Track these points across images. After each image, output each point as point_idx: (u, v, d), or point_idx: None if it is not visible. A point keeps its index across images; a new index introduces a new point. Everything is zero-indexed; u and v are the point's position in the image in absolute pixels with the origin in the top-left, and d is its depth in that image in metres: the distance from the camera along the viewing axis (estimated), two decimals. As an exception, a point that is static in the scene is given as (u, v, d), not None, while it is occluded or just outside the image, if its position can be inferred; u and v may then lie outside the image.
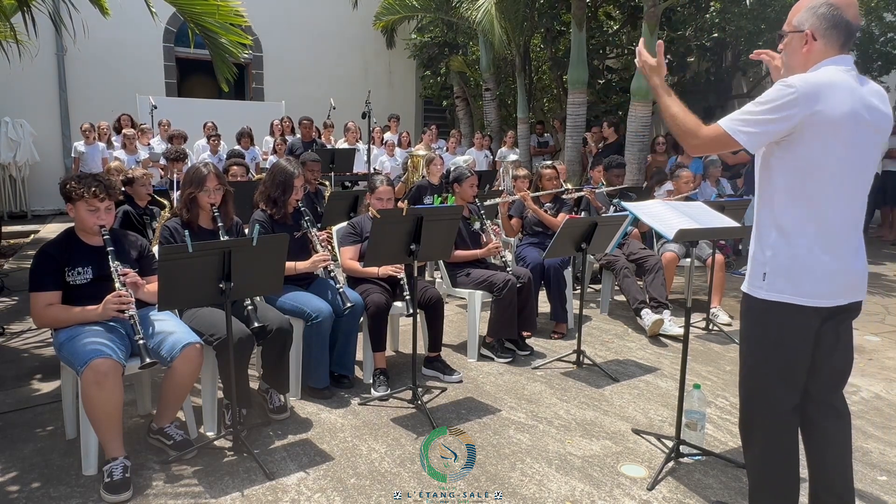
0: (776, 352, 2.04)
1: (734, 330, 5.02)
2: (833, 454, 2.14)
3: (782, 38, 2.08)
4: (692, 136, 2.05)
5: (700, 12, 9.26)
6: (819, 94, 1.87)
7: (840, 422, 2.15)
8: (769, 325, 2.04)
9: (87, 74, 11.18)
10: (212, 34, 5.96)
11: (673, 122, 2.11)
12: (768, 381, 2.08)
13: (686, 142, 2.10)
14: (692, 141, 2.06)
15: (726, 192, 7.63)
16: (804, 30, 1.98)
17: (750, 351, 2.13)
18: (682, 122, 2.08)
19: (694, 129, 2.05)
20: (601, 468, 2.84)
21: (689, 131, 2.06)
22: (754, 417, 2.15)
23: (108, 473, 2.53)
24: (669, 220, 2.67)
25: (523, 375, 3.96)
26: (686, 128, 2.07)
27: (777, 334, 2.03)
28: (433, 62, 13.73)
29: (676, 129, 2.11)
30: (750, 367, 2.14)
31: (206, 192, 3.21)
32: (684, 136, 2.09)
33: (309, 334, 3.43)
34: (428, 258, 3.70)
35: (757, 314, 2.07)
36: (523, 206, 5.14)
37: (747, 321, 2.14)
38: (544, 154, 11.37)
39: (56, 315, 2.75)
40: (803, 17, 1.99)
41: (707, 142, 2.03)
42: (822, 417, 2.14)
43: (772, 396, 2.09)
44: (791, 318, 2.00)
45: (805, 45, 1.99)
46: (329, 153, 7.61)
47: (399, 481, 2.70)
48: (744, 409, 2.19)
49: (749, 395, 2.16)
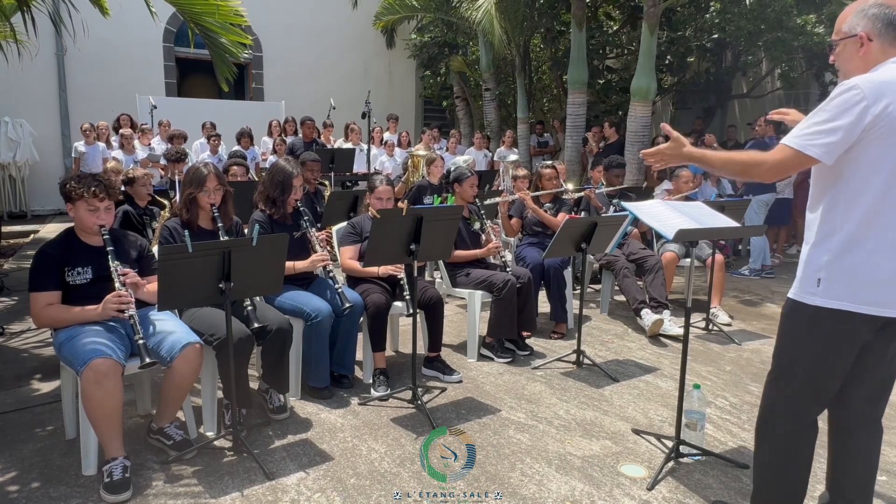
0: (818, 361, 1.98)
1: (734, 330, 5.02)
2: (859, 467, 2.10)
3: (833, 49, 2.01)
4: (759, 165, 1.95)
5: (700, 12, 9.24)
6: (884, 91, 1.81)
7: (874, 435, 2.10)
8: (818, 333, 1.96)
9: (87, 74, 11.18)
10: (212, 34, 5.96)
11: (728, 165, 2.04)
12: (799, 390, 2.02)
13: (755, 172, 1.99)
14: (761, 168, 1.95)
15: (726, 192, 7.64)
16: (857, 33, 1.92)
17: (788, 356, 2.05)
18: (739, 159, 2.01)
19: (757, 159, 1.96)
20: (601, 468, 2.84)
21: (752, 163, 1.98)
22: (774, 424, 2.09)
23: (107, 473, 2.53)
24: (669, 220, 2.67)
25: (523, 375, 3.96)
26: (748, 161, 1.99)
27: (824, 343, 1.95)
28: (433, 62, 13.73)
29: (738, 167, 2.03)
30: (783, 371, 2.07)
31: (206, 192, 3.20)
32: (751, 169, 1.99)
33: (309, 334, 3.43)
34: (428, 258, 3.70)
35: (806, 321, 1.98)
36: (523, 206, 5.14)
37: (793, 327, 2.04)
38: (544, 154, 11.37)
39: (56, 315, 2.75)
40: (854, 21, 1.94)
41: (777, 164, 1.92)
42: (857, 427, 2.09)
43: (799, 406, 2.03)
44: (843, 327, 1.91)
45: (861, 49, 1.93)
46: (329, 153, 7.61)
47: (399, 481, 2.70)
48: (766, 412, 2.12)
49: (774, 400, 2.10)
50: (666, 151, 2.21)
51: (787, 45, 8.32)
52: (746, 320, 5.35)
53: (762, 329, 5.10)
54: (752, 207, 6.69)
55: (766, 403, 2.13)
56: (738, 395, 3.73)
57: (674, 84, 11.17)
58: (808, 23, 8.04)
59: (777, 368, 2.10)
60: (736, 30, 8.52)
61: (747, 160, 2.00)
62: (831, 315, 1.92)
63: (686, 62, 10.57)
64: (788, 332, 2.06)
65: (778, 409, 2.08)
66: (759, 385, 3.85)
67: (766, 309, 5.74)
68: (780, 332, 2.10)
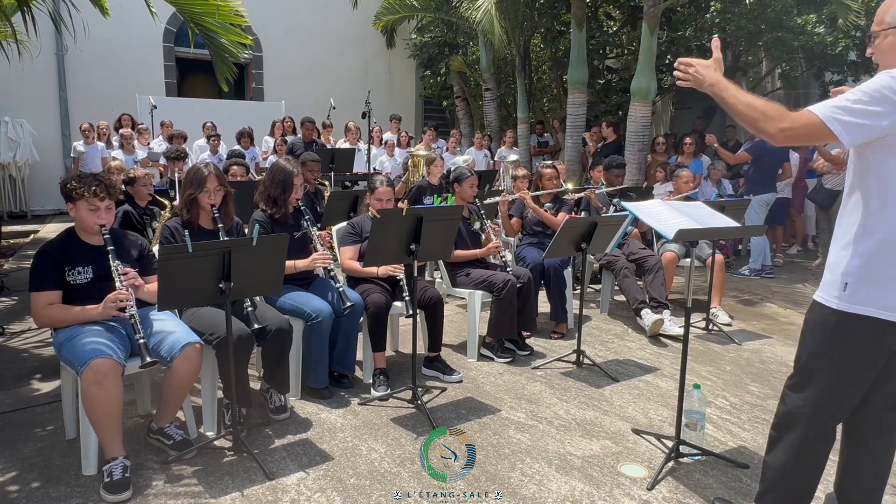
0: (843, 368, 1.93)
1: (734, 330, 5.02)
2: (870, 473, 2.08)
3: (872, 40, 1.93)
4: (778, 120, 1.80)
5: (700, 12, 9.24)
6: None
7: (889, 442, 2.07)
8: (842, 339, 1.90)
9: (87, 74, 11.17)
10: (212, 34, 5.96)
11: (749, 110, 1.86)
12: (822, 397, 1.97)
13: (769, 127, 1.82)
14: (779, 125, 1.80)
15: (727, 192, 7.65)
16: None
17: (812, 362, 2.00)
18: (761, 107, 1.84)
19: (780, 113, 1.81)
20: (601, 468, 2.84)
21: (773, 116, 1.81)
22: (793, 429, 2.04)
23: (107, 473, 2.53)
24: (669, 220, 2.67)
25: (523, 375, 3.96)
26: (769, 112, 1.82)
27: (851, 350, 1.90)
28: (433, 62, 13.73)
29: (756, 114, 1.84)
30: (806, 376, 2.01)
31: (206, 193, 3.20)
32: (767, 121, 1.82)
33: (309, 334, 3.43)
34: (428, 258, 3.70)
35: (830, 326, 1.92)
36: (523, 206, 5.14)
37: (817, 332, 1.98)
38: (544, 154, 11.38)
39: (56, 315, 2.75)
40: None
41: (797, 127, 1.78)
42: (874, 435, 2.06)
43: (820, 412, 1.99)
44: (871, 334, 1.86)
45: None
46: (329, 153, 7.60)
47: (399, 481, 2.70)
48: (785, 417, 2.07)
49: (794, 405, 2.04)
50: (700, 68, 2.02)
51: (788, 45, 8.33)
52: (746, 320, 5.35)
53: (762, 329, 5.10)
54: (752, 207, 6.69)
55: (787, 408, 2.07)
56: (738, 395, 3.73)
57: (674, 84, 11.13)
58: (808, 23, 8.05)
59: (799, 373, 2.05)
60: (736, 30, 8.52)
61: (769, 112, 1.82)
62: (856, 321, 1.86)
63: (686, 62, 10.56)
64: (813, 337, 2.00)
65: (798, 414, 2.02)
66: (760, 385, 3.87)
67: (766, 309, 5.74)
68: (804, 336, 2.05)
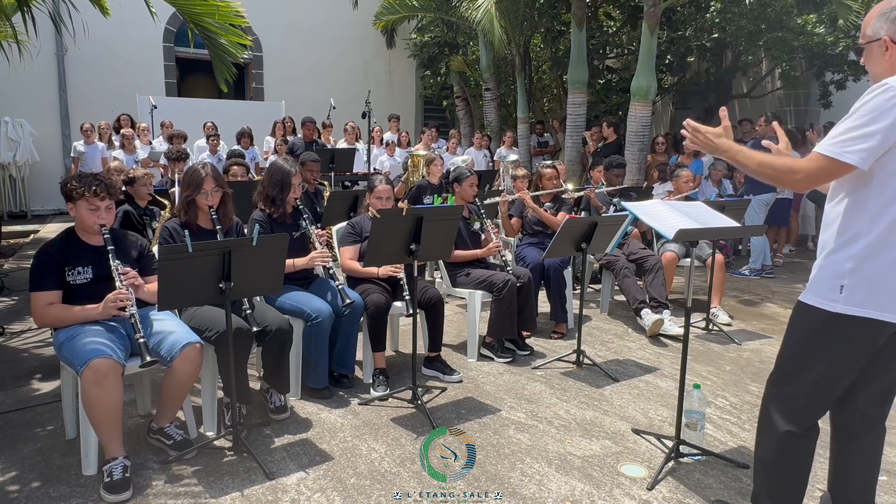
0: (832, 366, 1.97)
1: (734, 330, 5.02)
2: (862, 469, 2.11)
3: (861, 52, 2.01)
4: (792, 173, 1.92)
5: (700, 12, 9.24)
6: None
7: (878, 438, 2.11)
8: (836, 339, 1.94)
9: (87, 74, 11.18)
10: (211, 34, 5.95)
11: (762, 168, 1.99)
12: (807, 393, 2.01)
13: (788, 180, 1.95)
14: (794, 177, 1.92)
15: (727, 192, 7.65)
16: (881, 37, 1.92)
17: (798, 359, 2.04)
18: (773, 164, 1.97)
19: (790, 166, 1.93)
20: (601, 468, 2.84)
21: (785, 169, 1.94)
22: (776, 424, 2.08)
23: (107, 473, 2.53)
24: (669, 220, 2.67)
25: (523, 375, 3.96)
26: (782, 167, 1.95)
27: (842, 349, 1.94)
28: (433, 62, 13.73)
29: (770, 172, 1.97)
30: (790, 373, 2.06)
31: (204, 194, 3.20)
32: (785, 176, 1.95)
33: (309, 334, 3.43)
34: (428, 258, 3.70)
35: (821, 326, 1.96)
36: (523, 206, 5.14)
37: (806, 331, 2.02)
38: (544, 154, 11.38)
39: (56, 314, 2.75)
40: (877, 25, 1.94)
41: (811, 173, 1.89)
42: (862, 430, 2.09)
43: (804, 408, 2.03)
44: (865, 334, 1.91)
45: (886, 52, 1.92)
46: (329, 153, 7.61)
47: (399, 481, 2.70)
48: (767, 412, 2.12)
49: (777, 401, 2.09)
50: (711, 136, 2.12)
51: (788, 45, 8.33)
52: (746, 320, 5.35)
53: (762, 329, 5.10)
54: (752, 207, 6.69)
55: (768, 404, 2.12)
56: (738, 395, 3.73)
57: (674, 84, 11.16)
58: (808, 22, 8.05)
59: (782, 370, 2.08)
60: (736, 29, 8.53)
61: (781, 167, 1.95)
62: (853, 322, 1.90)
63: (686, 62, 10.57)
64: (799, 336, 2.04)
65: (781, 409, 2.07)
66: (760, 385, 3.87)
67: (766, 309, 5.74)
68: (790, 334, 2.08)
